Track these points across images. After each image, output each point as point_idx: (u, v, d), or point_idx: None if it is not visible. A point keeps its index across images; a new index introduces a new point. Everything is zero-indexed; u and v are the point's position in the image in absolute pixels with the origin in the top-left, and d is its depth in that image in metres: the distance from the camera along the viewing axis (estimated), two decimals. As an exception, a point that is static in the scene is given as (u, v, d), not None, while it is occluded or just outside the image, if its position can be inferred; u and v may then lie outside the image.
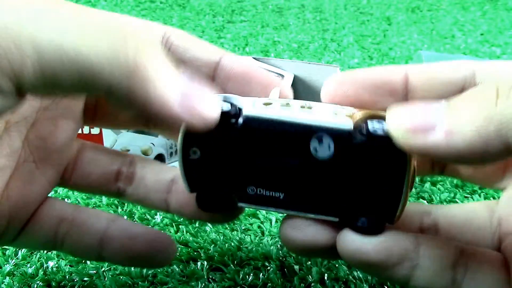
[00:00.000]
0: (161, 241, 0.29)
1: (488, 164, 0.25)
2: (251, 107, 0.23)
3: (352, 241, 0.24)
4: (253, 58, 0.48)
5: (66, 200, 0.42)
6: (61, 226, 0.28)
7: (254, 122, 0.23)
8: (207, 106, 0.22)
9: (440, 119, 0.19)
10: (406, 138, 0.20)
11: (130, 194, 0.29)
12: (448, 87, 0.25)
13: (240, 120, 0.23)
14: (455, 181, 0.47)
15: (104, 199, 0.43)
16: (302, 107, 0.23)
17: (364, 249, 0.23)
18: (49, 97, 0.27)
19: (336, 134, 0.23)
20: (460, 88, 0.25)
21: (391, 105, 0.21)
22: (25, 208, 0.27)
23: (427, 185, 0.46)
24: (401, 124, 0.20)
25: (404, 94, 0.25)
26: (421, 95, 0.25)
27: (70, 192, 0.43)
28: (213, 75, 0.28)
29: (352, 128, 0.22)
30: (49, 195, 0.28)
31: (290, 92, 0.29)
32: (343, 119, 0.23)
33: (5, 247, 0.37)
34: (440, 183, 0.47)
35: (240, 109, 0.23)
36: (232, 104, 0.23)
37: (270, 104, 0.24)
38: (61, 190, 0.43)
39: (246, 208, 0.27)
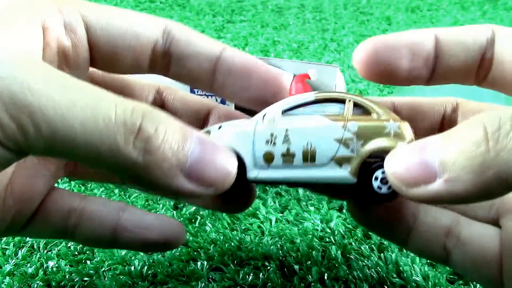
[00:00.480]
0: (172, 228, 0.29)
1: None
2: (252, 167, 0.25)
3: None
4: (253, 58, 0.48)
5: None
6: (71, 216, 0.28)
7: (258, 181, 0.25)
8: (221, 177, 0.23)
9: (437, 169, 0.20)
10: (408, 192, 0.21)
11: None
12: (472, 51, 0.26)
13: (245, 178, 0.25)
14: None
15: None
16: (305, 157, 0.25)
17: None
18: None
19: (339, 186, 0.25)
20: (482, 53, 0.26)
21: (388, 156, 0.23)
22: (29, 201, 0.27)
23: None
24: (402, 180, 0.21)
25: (434, 57, 0.26)
26: (449, 59, 0.26)
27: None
28: (213, 69, 0.28)
29: (356, 181, 0.24)
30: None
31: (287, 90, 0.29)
32: (345, 170, 0.24)
33: (5, 247, 0.37)
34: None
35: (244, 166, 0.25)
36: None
37: (272, 155, 0.25)
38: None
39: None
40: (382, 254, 0.37)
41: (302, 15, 1.13)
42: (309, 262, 0.36)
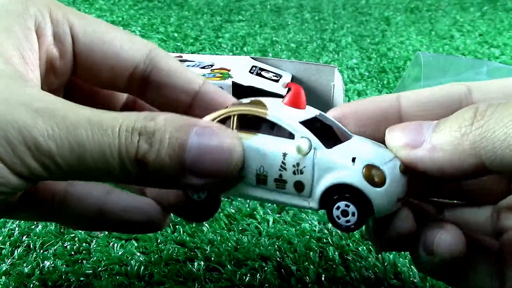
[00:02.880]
0: (157, 211, 0.30)
1: (467, 180, 0.28)
2: None
3: None
4: (251, 58, 0.48)
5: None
6: (55, 198, 0.28)
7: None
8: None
9: (427, 137, 0.23)
10: (399, 152, 0.24)
11: None
12: (442, 109, 0.27)
13: None
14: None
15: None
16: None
17: None
18: None
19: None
20: (457, 109, 0.26)
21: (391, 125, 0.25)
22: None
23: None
24: (396, 139, 0.24)
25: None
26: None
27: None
28: (190, 103, 0.30)
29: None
30: None
31: None
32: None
33: (1, 246, 0.37)
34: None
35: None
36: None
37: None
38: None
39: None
40: (379, 255, 0.37)
41: (300, 15, 1.13)
42: (307, 263, 0.36)
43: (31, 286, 0.33)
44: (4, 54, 0.24)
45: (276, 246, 0.38)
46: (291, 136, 0.25)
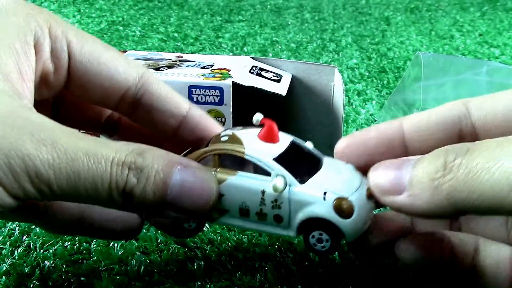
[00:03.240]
0: (134, 220, 0.32)
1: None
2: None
3: None
4: (251, 58, 0.48)
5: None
6: (38, 205, 0.29)
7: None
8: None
9: (406, 183, 0.25)
10: (382, 198, 0.26)
11: None
12: (443, 133, 0.28)
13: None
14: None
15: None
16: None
17: None
18: None
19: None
20: (457, 131, 0.28)
21: (373, 167, 0.27)
22: None
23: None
24: (379, 188, 0.26)
25: (404, 147, 0.29)
26: (419, 145, 0.29)
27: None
28: (178, 126, 0.32)
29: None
30: None
31: None
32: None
33: (1, 246, 0.37)
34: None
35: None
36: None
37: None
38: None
39: None
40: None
41: (300, 15, 1.13)
42: (307, 262, 0.36)
43: (31, 286, 0.33)
44: (4, 70, 0.25)
45: (276, 246, 0.38)
46: (267, 173, 0.28)
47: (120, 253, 0.36)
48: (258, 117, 0.31)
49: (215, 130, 0.32)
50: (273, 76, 0.45)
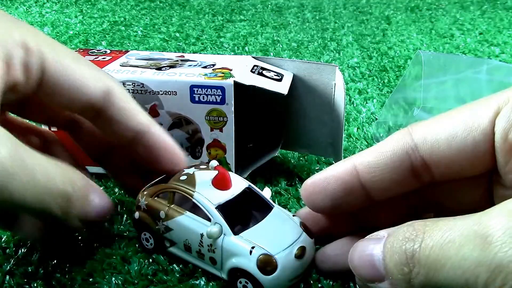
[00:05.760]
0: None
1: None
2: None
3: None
4: (253, 57, 0.48)
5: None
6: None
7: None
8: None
9: (384, 274, 0.25)
10: (368, 284, 0.26)
11: None
12: (395, 171, 0.29)
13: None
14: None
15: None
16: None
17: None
18: None
19: None
20: (409, 167, 0.29)
21: (350, 254, 0.27)
22: None
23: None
24: (362, 278, 0.26)
25: (362, 188, 0.30)
26: (377, 186, 0.30)
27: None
28: (136, 141, 0.34)
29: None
30: None
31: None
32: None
33: (5, 246, 0.37)
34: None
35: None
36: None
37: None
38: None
39: None
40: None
41: (301, 14, 1.13)
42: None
43: (35, 285, 0.33)
44: None
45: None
46: (209, 219, 0.32)
47: (123, 252, 0.36)
48: (213, 163, 0.34)
49: (172, 153, 0.35)
50: (275, 75, 0.45)
